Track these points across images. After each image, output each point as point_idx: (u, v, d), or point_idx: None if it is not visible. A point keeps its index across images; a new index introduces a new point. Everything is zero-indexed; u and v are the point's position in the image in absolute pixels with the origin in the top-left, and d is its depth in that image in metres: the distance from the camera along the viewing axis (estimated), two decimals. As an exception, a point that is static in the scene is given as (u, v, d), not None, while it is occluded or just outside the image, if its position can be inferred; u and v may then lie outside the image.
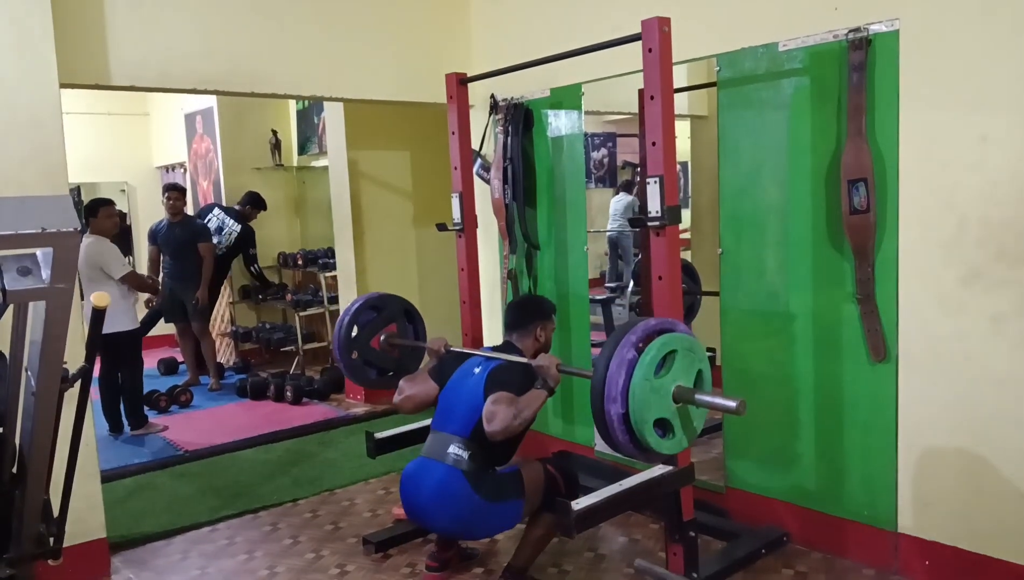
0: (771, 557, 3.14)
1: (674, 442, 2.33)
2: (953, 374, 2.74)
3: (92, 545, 3.24)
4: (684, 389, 2.31)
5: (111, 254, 5.11)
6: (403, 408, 3.15)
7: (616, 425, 2.25)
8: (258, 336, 7.25)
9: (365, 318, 3.55)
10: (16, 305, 1.70)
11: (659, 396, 2.27)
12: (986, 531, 2.71)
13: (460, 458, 2.79)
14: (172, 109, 8.16)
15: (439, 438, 2.90)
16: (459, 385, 2.98)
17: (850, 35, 2.83)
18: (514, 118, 4.15)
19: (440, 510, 2.80)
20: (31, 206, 1.44)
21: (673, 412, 2.31)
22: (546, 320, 3.14)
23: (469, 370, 3.00)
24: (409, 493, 2.90)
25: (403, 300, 3.68)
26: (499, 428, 2.65)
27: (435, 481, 2.80)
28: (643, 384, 2.22)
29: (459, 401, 2.92)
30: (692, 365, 2.35)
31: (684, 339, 2.35)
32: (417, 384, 3.15)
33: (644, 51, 2.64)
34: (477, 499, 2.74)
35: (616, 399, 2.23)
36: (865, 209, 2.82)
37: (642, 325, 2.35)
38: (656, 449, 2.29)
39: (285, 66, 3.84)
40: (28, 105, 2.98)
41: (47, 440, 1.78)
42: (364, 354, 3.53)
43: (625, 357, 2.24)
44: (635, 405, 2.21)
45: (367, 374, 3.58)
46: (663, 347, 2.29)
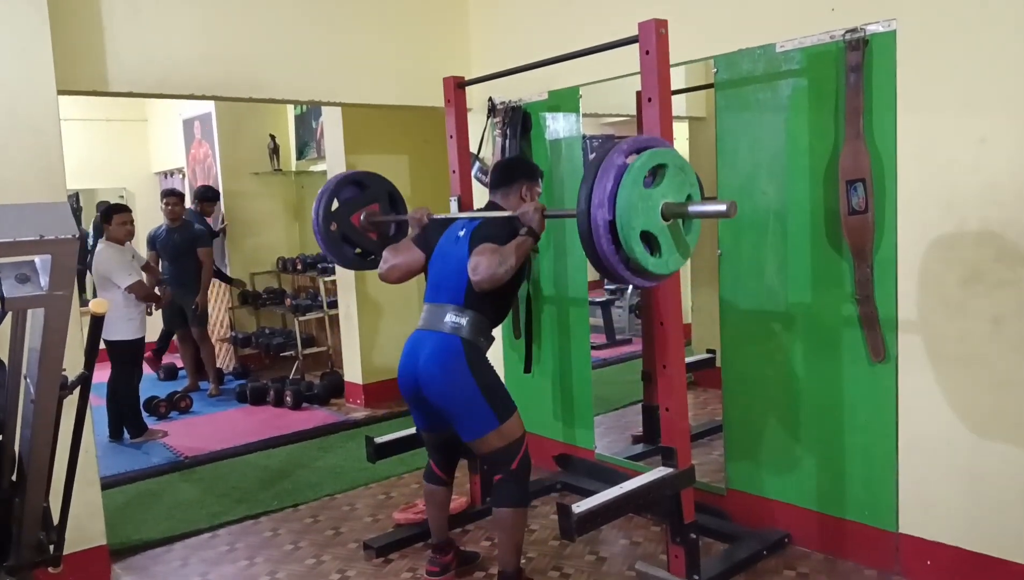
0: (772, 559, 3.14)
1: (661, 261, 2.29)
2: (953, 375, 2.74)
3: (92, 552, 3.23)
4: (672, 203, 2.26)
5: (116, 262, 5.10)
6: (389, 278, 3.07)
7: (602, 232, 2.20)
8: (257, 341, 7.24)
9: (347, 194, 3.46)
10: (15, 312, 1.70)
11: (647, 206, 2.22)
12: (987, 531, 2.71)
13: (458, 325, 2.76)
14: (170, 115, 8.16)
15: (434, 309, 2.86)
16: (446, 252, 2.92)
17: (847, 36, 2.83)
18: (512, 121, 4.16)
19: (431, 375, 2.76)
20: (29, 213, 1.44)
21: (661, 228, 2.27)
22: (531, 180, 3.05)
23: (454, 234, 2.93)
24: (405, 363, 2.85)
25: (387, 181, 3.60)
26: (485, 276, 2.61)
27: (431, 346, 2.77)
28: (631, 189, 2.17)
29: (448, 268, 2.87)
30: (682, 186, 2.31)
31: (676, 156, 2.31)
32: (402, 253, 3.07)
33: (641, 53, 2.64)
34: (468, 376, 2.72)
35: (603, 204, 2.18)
36: (863, 210, 2.82)
37: (633, 138, 2.31)
38: (643, 264, 2.24)
39: (283, 71, 3.84)
40: (26, 111, 2.98)
41: (46, 447, 1.78)
42: (343, 228, 3.42)
43: (614, 162, 2.21)
44: (622, 211, 2.17)
45: (344, 251, 3.48)
46: (654, 157, 2.25)
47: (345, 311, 6.00)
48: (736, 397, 3.40)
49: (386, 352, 5.94)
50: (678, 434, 2.79)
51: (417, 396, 2.88)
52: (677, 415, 2.79)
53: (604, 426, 4.47)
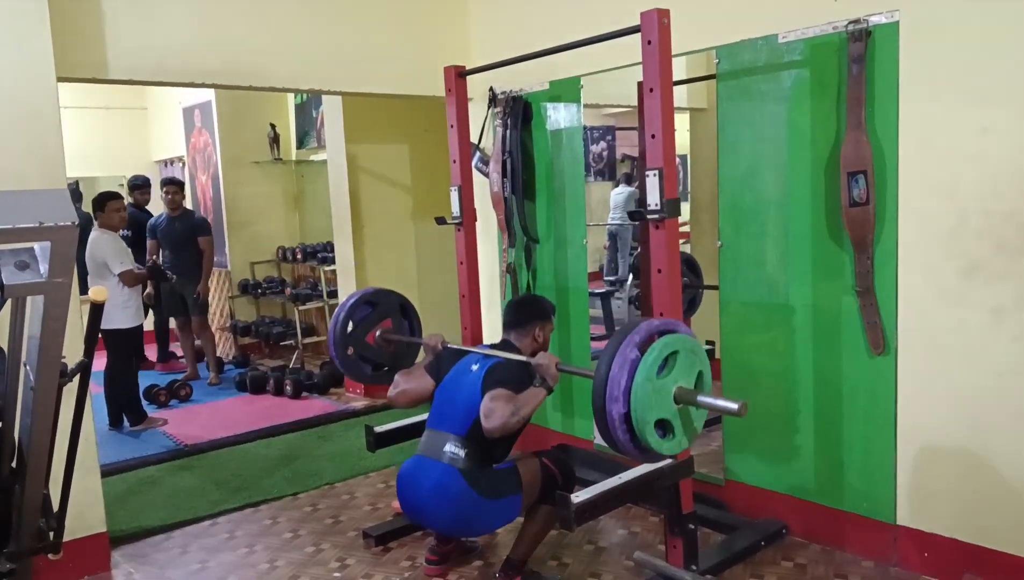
0: (770, 550, 3.15)
1: (674, 443, 2.34)
2: (953, 366, 2.74)
3: (92, 539, 3.24)
4: (685, 390, 2.31)
5: (111, 249, 5.09)
6: (398, 403, 3.14)
7: (617, 425, 2.25)
8: (257, 330, 7.25)
9: (360, 314, 3.55)
10: (14, 300, 1.69)
11: (660, 396, 2.27)
12: (985, 523, 2.72)
13: (456, 456, 2.78)
14: (170, 103, 8.14)
15: (435, 436, 2.89)
16: (456, 382, 2.97)
17: (850, 27, 2.82)
18: (513, 111, 4.14)
19: (438, 509, 2.79)
20: (29, 200, 1.43)
21: (674, 413, 2.31)
22: (545, 320, 3.13)
23: (466, 367, 2.99)
24: (406, 492, 2.89)
25: (398, 295, 3.68)
26: (497, 425, 2.65)
27: (432, 480, 2.79)
28: (645, 385, 2.22)
29: (456, 399, 2.91)
30: (693, 366, 2.35)
31: (686, 340, 2.35)
32: (413, 379, 3.13)
33: (643, 43, 2.63)
34: (475, 496, 2.74)
35: (618, 399, 2.23)
36: (864, 201, 2.81)
37: (645, 325, 2.36)
38: (656, 449, 2.29)
39: (283, 59, 3.83)
40: (26, 99, 2.97)
41: (46, 435, 1.78)
42: (359, 350, 3.53)
43: (628, 357, 2.25)
44: (637, 405, 2.22)
45: (362, 370, 3.58)
46: (666, 348, 2.29)
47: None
48: (735, 388, 3.40)
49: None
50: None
51: (422, 522, 2.99)
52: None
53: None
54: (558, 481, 2.88)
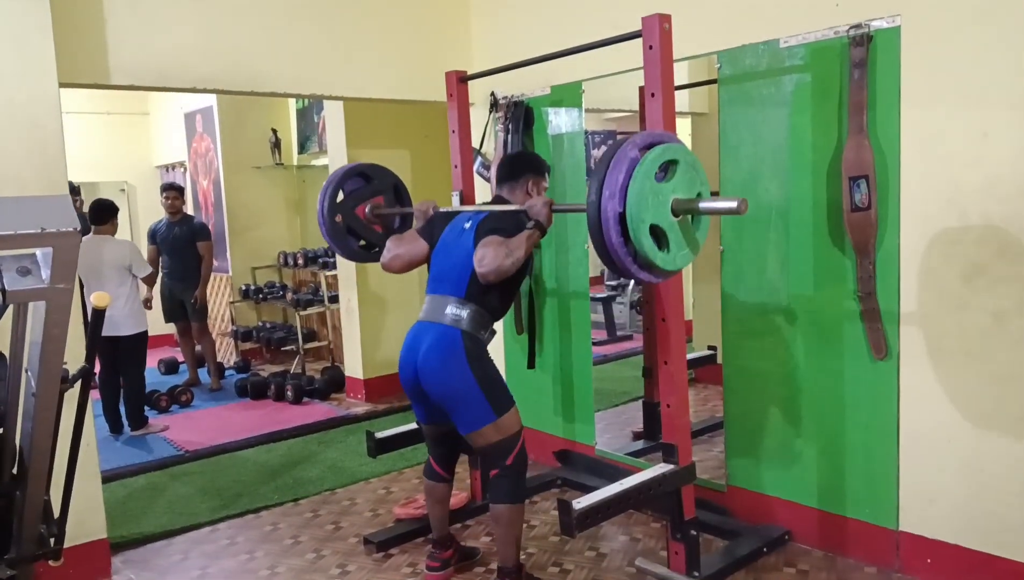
0: (772, 555, 3.14)
1: (669, 257, 2.28)
2: (955, 371, 2.74)
3: (93, 546, 3.23)
4: (683, 200, 2.26)
5: (138, 253, 5.36)
6: (391, 267, 3.07)
7: (612, 224, 2.20)
8: (258, 335, 7.25)
9: (352, 185, 3.46)
10: (16, 305, 1.69)
11: (657, 201, 2.22)
12: (988, 529, 2.71)
13: (459, 317, 2.76)
14: (172, 108, 8.16)
15: (435, 300, 2.85)
16: (450, 244, 2.91)
17: (851, 31, 2.82)
18: (514, 116, 4.15)
19: (430, 367, 2.75)
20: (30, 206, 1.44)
21: (671, 224, 2.26)
22: (538, 175, 3.03)
23: (459, 226, 2.92)
24: (405, 355, 2.85)
25: (394, 174, 3.60)
26: (491, 268, 2.60)
27: (432, 338, 2.76)
28: (643, 183, 2.17)
29: (451, 260, 2.86)
30: (693, 183, 2.31)
31: (688, 153, 2.31)
32: (405, 243, 3.06)
33: (645, 48, 2.63)
34: (467, 368, 2.71)
35: (614, 195, 2.18)
36: (866, 206, 2.81)
37: (647, 132, 2.31)
38: (651, 258, 2.23)
39: (285, 65, 3.83)
40: (27, 104, 2.97)
41: (47, 441, 1.78)
42: (348, 220, 3.42)
43: (627, 154, 2.21)
44: (633, 203, 2.17)
45: (349, 243, 3.47)
46: (666, 152, 2.25)
47: (346, 306, 6.01)
48: (737, 393, 3.40)
49: (387, 347, 5.94)
50: (679, 430, 2.79)
51: (416, 388, 2.88)
52: (678, 411, 2.79)
53: (604, 422, 4.47)
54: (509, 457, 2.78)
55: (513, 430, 2.81)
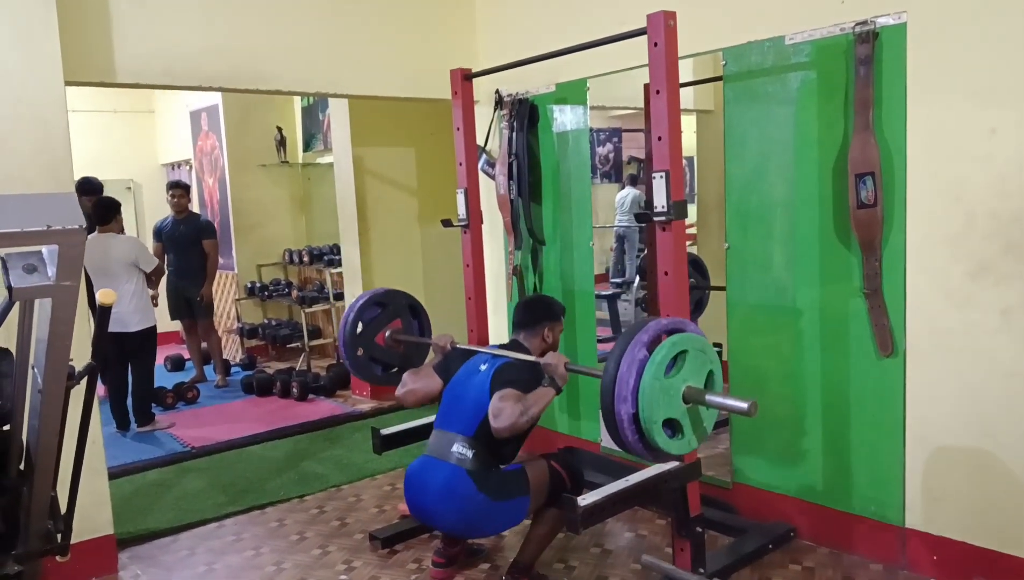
0: (778, 552, 3.14)
1: (683, 442, 2.33)
2: (961, 368, 2.73)
3: (100, 541, 3.25)
4: (694, 390, 2.30)
5: (145, 248, 5.39)
6: (405, 402, 3.15)
7: (626, 425, 2.25)
8: (264, 332, 7.26)
9: (369, 314, 3.55)
10: (22, 303, 1.70)
11: (669, 396, 2.26)
12: (995, 526, 2.70)
13: (464, 457, 2.78)
14: (177, 106, 8.18)
15: (443, 436, 2.89)
16: (464, 382, 2.97)
17: (857, 28, 2.81)
18: (519, 113, 4.14)
19: (445, 510, 2.79)
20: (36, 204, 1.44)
21: (683, 412, 2.31)
22: (555, 321, 3.13)
23: (475, 367, 2.98)
24: (414, 492, 2.89)
25: (407, 295, 3.69)
26: (506, 425, 2.64)
27: (440, 481, 2.79)
28: (653, 384, 2.21)
29: (464, 399, 2.91)
30: (703, 366, 2.34)
31: (695, 339, 2.34)
32: (421, 378, 3.14)
33: (650, 45, 2.63)
34: (482, 498, 2.73)
35: (626, 399, 2.23)
36: (872, 203, 2.80)
37: (653, 324, 2.35)
38: (665, 449, 2.29)
39: (290, 63, 3.83)
40: (33, 102, 2.98)
41: (54, 437, 1.78)
42: (369, 350, 3.54)
43: (636, 357, 2.24)
44: (645, 405, 2.21)
45: (372, 370, 3.59)
46: (674, 347, 2.28)
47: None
48: (743, 390, 3.39)
49: (392, 344, 5.93)
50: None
51: (429, 523, 2.97)
52: (683, 409, 2.79)
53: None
54: (566, 484, 2.87)
55: (545, 479, 2.86)
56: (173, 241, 6.27)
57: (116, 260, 5.12)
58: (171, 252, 6.32)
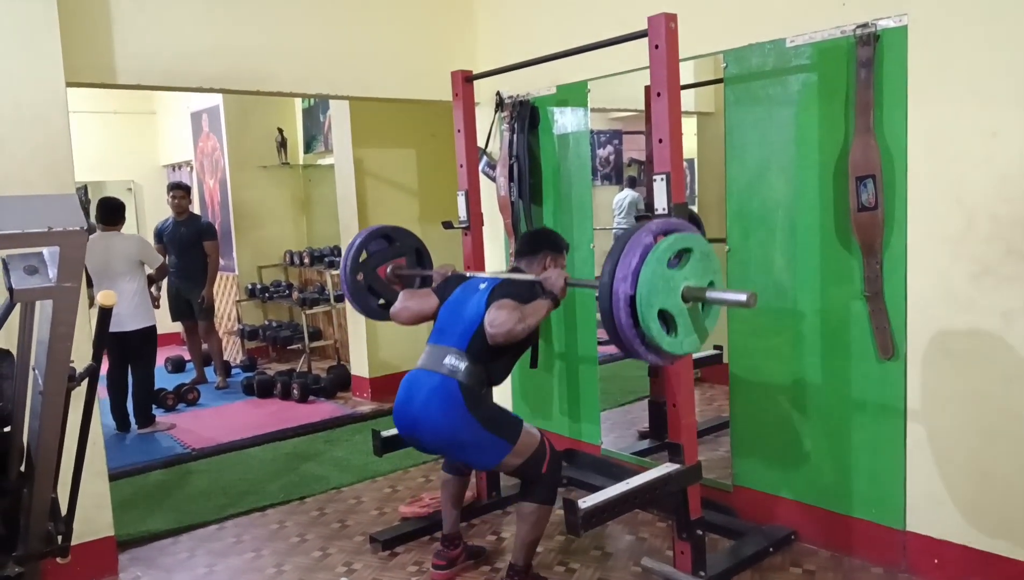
0: (779, 555, 3.14)
1: (675, 341, 2.29)
2: (962, 371, 2.72)
3: (100, 543, 3.25)
4: (694, 288, 2.28)
5: (149, 246, 5.42)
6: (400, 318, 3.09)
7: (622, 306, 2.22)
8: (265, 334, 7.26)
9: (376, 246, 3.53)
10: (23, 304, 1.70)
11: (668, 287, 2.25)
12: (996, 529, 2.70)
13: (456, 368, 2.76)
14: (178, 108, 8.18)
15: (435, 350, 2.86)
16: (461, 301, 2.94)
17: (858, 31, 2.81)
18: (520, 115, 4.14)
19: (430, 419, 2.75)
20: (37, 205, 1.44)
21: (680, 310, 2.28)
22: (557, 253, 3.08)
23: (473, 287, 2.95)
24: (402, 402, 2.85)
25: (417, 238, 3.66)
26: (503, 330, 2.62)
27: (429, 389, 2.76)
28: (655, 268, 2.20)
29: (459, 314, 2.88)
30: (706, 270, 2.33)
31: (702, 243, 2.34)
32: (417, 297, 3.10)
33: (651, 47, 2.63)
34: (468, 415, 2.70)
35: (627, 278, 2.21)
36: (873, 206, 2.80)
37: (663, 220, 2.36)
38: (656, 340, 2.25)
39: (290, 64, 3.84)
40: (34, 103, 2.98)
41: (54, 439, 1.78)
42: (369, 279, 3.49)
43: (642, 240, 2.25)
44: (643, 288, 2.19)
45: (368, 301, 3.53)
46: (680, 241, 2.29)
47: (352, 305, 6.01)
48: (743, 393, 3.39)
49: (393, 346, 5.94)
50: (685, 430, 2.79)
51: (414, 437, 2.88)
52: (684, 411, 2.79)
53: (610, 421, 4.47)
54: (543, 466, 2.81)
55: (533, 447, 2.81)
56: (174, 242, 6.27)
57: (120, 258, 5.12)
58: (172, 253, 6.32)
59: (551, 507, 2.86)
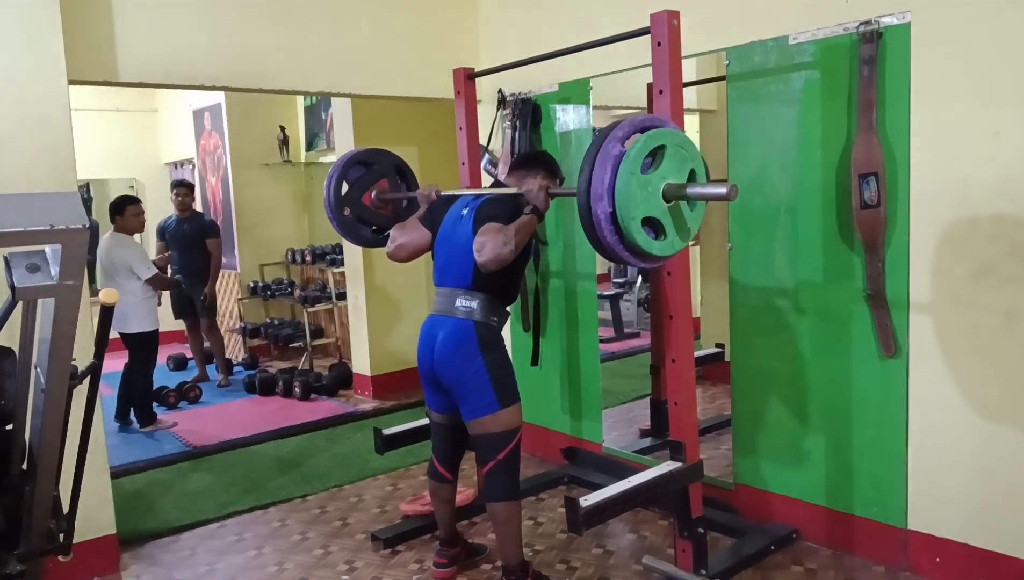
0: (780, 554, 3.14)
1: (666, 243, 2.26)
2: (964, 370, 2.72)
3: (102, 541, 3.25)
4: (673, 185, 2.22)
5: (138, 254, 5.28)
6: (397, 257, 3.09)
7: (604, 225, 2.18)
8: (267, 332, 7.27)
9: (354, 174, 3.47)
10: (25, 302, 1.70)
11: (647, 193, 2.18)
12: (997, 528, 2.69)
13: (470, 308, 2.78)
14: (180, 105, 8.18)
15: (444, 294, 2.87)
16: (451, 233, 2.92)
17: (861, 28, 2.80)
18: (522, 113, 4.14)
19: (445, 358, 2.79)
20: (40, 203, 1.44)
21: (663, 211, 2.23)
22: (551, 174, 3.02)
23: (457, 213, 2.93)
24: (423, 349, 2.88)
25: (393, 154, 3.59)
26: (490, 257, 2.60)
27: (445, 332, 2.80)
28: (629, 179, 2.14)
29: (454, 249, 2.87)
30: (684, 163, 2.26)
31: (674, 134, 2.26)
32: (408, 232, 3.07)
33: (653, 45, 2.62)
34: (478, 355, 2.75)
35: (602, 197, 2.16)
36: (875, 204, 2.80)
37: (628, 121, 2.26)
38: (646, 249, 2.21)
39: (292, 62, 3.84)
40: (37, 101, 2.98)
41: (56, 437, 1.78)
42: (356, 211, 3.45)
43: (610, 152, 2.17)
44: (621, 202, 2.14)
45: (361, 232, 3.49)
46: (650, 141, 2.20)
47: (354, 303, 6.01)
48: (745, 391, 3.39)
49: (394, 344, 5.95)
50: (686, 428, 2.79)
51: (432, 378, 2.91)
52: (686, 409, 2.79)
53: (612, 420, 4.46)
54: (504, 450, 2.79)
55: (512, 426, 2.81)
56: (177, 240, 6.27)
57: (116, 262, 5.14)
58: (175, 251, 6.32)
59: (518, 501, 2.86)
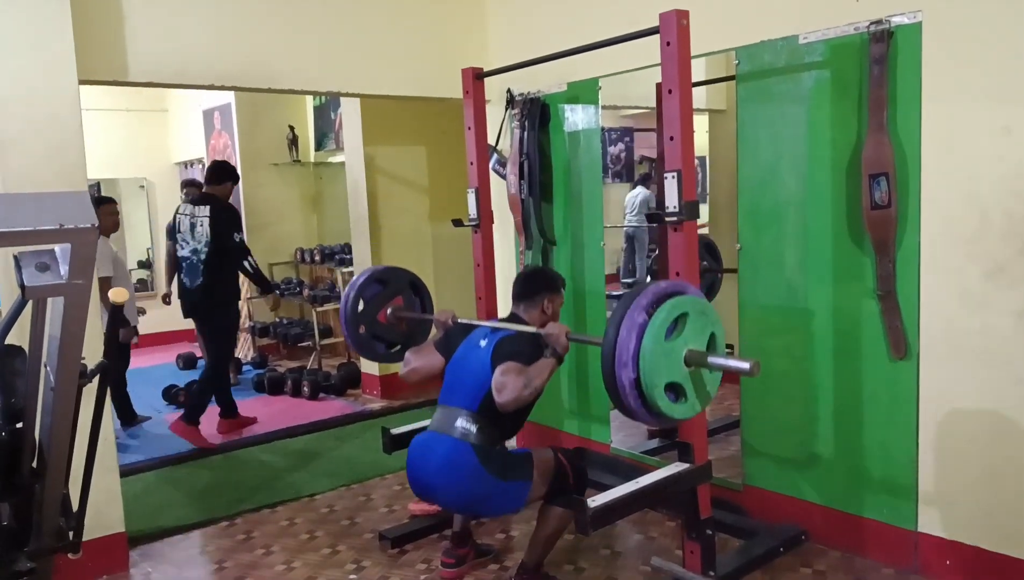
0: (789, 555, 3.12)
1: (687, 406, 2.30)
2: (975, 370, 2.70)
3: (111, 539, 3.27)
4: (696, 352, 2.27)
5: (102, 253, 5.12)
6: (409, 380, 3.14)
7: (628, 390, 2.22)
8: (275, 331, 7.28)
9: (371, 292, 3.53)
10: (35, 301, 1.70)
11: (670, 360, 2.23)
12: (1009, 531, 2.67)
13: (468, 431, 2.77)
14: (190, 105, 8.21)
15: (446, 412, 2.87)
16: (465, 357, 2.95)
17: (871, 27, 2.79)
18: (530, 113, 4.13)
19: (447, 484, 2.77)
20: (49, 202, 1.44)
21: (685, 376, 2.27)
22: (554, 293, 3.08)
23: (475, 342, 2.96)
24: (416, 467, 2.87)
25: (408, 272, 3.66)
26: (510, 398, 2.63)
27: (442, 454, 2.77)
28: (653, 348, 2.18)
29: (466, 374, 2.89)
30: (704, 328, 2.31)
31: (695, 302, 2.31)
32: (423, 356, 3.12)
33: (662, 44, 2.62)
34: (484, 474, 2.72)
35: (627, 364, 2.20)
36: (886, 204, 2.78)
37: (652, 288, 2.31)
38: (668, 414, 2.25)
39: (302, 62, 3.84)
40: (47, 101, 3.00)
41: (66, 435, 1.79)
42: (371, 328, 3.51)
43: (635, 321, 2.21)
44: (646, 369, 2.18)
45: (375, 348, 3.56)
46: (673, 310, 2.25)
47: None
48: (754, 392, 3.38)
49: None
50: (695, 429, 2.77)
51: (429, 497, 2.93)
52: (694, 410, 2.77)
53: (620, 420, 4.44)
54: (569, 479, 2.85)
55: (550, 469, 2.83)
56: (186, 240, 6.27)
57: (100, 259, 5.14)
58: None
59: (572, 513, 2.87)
